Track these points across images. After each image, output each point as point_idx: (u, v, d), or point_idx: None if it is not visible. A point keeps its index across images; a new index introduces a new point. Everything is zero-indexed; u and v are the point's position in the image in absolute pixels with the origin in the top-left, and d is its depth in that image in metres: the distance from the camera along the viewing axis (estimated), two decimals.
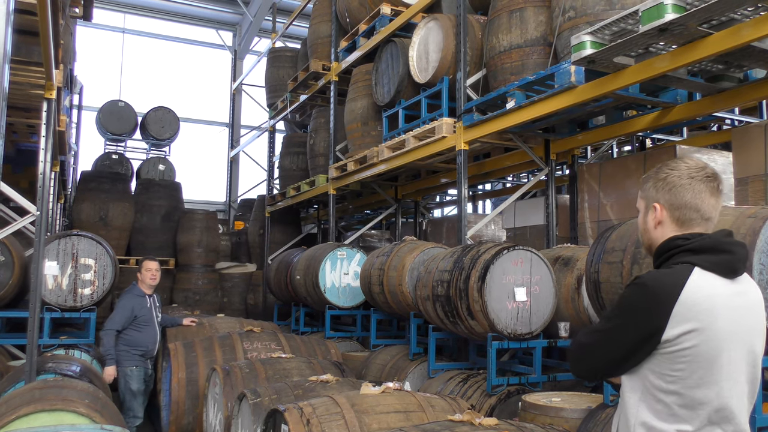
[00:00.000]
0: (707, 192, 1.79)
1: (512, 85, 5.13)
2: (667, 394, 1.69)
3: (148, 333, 5.83)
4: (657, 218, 1.83)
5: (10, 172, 8.46)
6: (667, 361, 1.68)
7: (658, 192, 1.83)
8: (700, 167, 1.82)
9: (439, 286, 4.91)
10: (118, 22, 16.01)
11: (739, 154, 4.64)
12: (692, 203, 1.78)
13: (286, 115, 11.43)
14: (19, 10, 3.75)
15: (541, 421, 3.61)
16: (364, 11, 8.21)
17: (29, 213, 4.54)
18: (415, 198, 9.98)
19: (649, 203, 1.86)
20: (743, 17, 3.43)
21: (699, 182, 1.79)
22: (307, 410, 3.45)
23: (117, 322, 5.63)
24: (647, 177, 1.90)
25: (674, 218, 1.80)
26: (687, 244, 1.75)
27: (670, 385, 1.69)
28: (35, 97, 5.15)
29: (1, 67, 2.17)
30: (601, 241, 3.84)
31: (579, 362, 1.88)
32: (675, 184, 1.80)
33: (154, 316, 5.95)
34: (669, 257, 1.78)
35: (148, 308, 5.89)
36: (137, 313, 5.76)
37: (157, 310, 6.05)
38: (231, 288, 11.82)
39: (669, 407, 1.70)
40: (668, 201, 1.81)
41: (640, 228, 1.95)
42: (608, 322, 1.77)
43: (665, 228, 1.83)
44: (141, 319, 5.79)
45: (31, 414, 3.21)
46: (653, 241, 1.87)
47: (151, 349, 5.89)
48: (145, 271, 5.93)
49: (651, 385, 1.71)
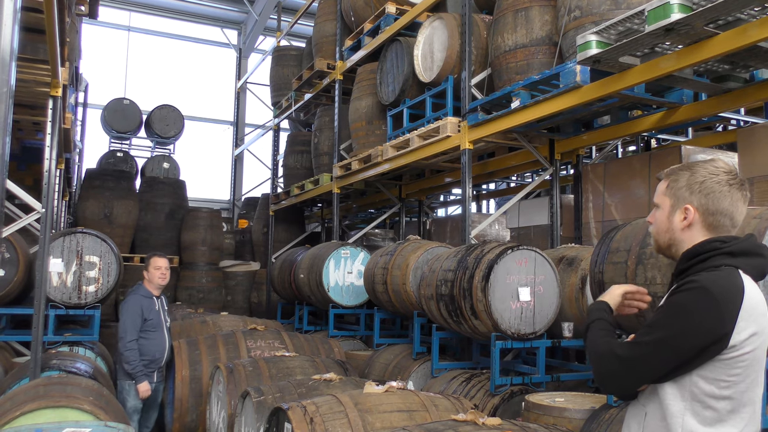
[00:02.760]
0: (742, 200, 1.78)
1: (517, 85, 5.12)
2: (718, 400, 1.66)
3: (157, 340, 5.22)
4: (689, 221, 1.79)
5: (16, 170, 8.49)
6: (725, 367, 1.65)
7: (692, 194, 1.78)
8: (734, 173, 1.79)
9: (442, 286, 4.90)
10: (123, 20, 16.05)
11: (744, 155, 4.62)
12: (728, 211, 1.76)
13: (290, 113, 11.44)
14: (26, 8, 3.77)
15: (545, 421, 3.60)
16: (369, 10, 8.21)
17: (34, 210, 4.55)
18: (419, 197, 9.97)
19: (679, 203, 1.80)
20: (750, 17, 3.42)
21: (736, 190, 1.77)
22: (310, 409, 3.45)
23: (130, 329, 5.06)
24: (676, 175, 1.84)
25: (707, 223, 1.77)
26: (725, 247, 1.73)
27: (724, 390, 1.66)
28: (41, 95, 5.16)
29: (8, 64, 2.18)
30: (606, 241, 3.83)
31: (615, 378, 1.74)
32: (714, 190, 1.76)
33: (163, 320, 5.34)
34: (705, 259, 1.73)
35: (157, 311, 5.28)
36: (146, 316, 5.18)
37: (165, 313, 5.44)
38: (235, 286, 11.84)
39: (718, 413, 1.67)
40: (704, 205, 1.77)
41: (658, 225, 1.88)
42: (661, 330, 1.67)
43: (694, 231, 1.79)
44: (149, 323, 5.19)
45: (35, 411, 3.21)
46: (677, 242, 1.83)
47: (159, 359, 5.25)
48: (153, 269, 5.31)
49: (701, 392, 1.67)
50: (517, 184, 10.53)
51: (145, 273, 5.37)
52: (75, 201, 11.46)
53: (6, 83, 2.21)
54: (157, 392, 5.31)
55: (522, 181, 10.43)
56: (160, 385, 5.35)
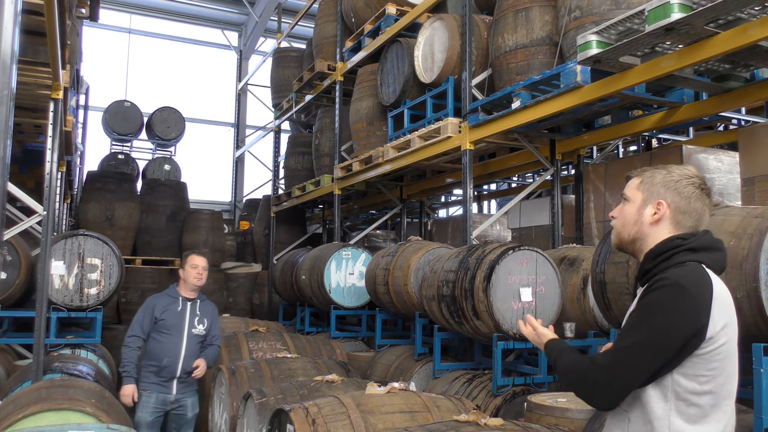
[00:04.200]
0: (708, 206, 1.87)
1: (518, 85, 5.12)
2: (700, 395, 1.70)
3: (168, 344, 4.65)
4: (660, 215, 1.85)
5: (17, 172, 8.49)
6: (703, 362, 1.69)
7: (667, 191, 1.85)
8: (705, 181, 1.89)
9: (444, 287, 4.90)
10: (124, 23, 16.08)
11: (745, 154, 4.62)
12: (698, 212, 1.85)
13: (291, 115, 11.44)
14: (27, 11, 3.77)
15: (547, 422, 3.60)
16: (370, 11, 8.21)
17: (36, 213, 4.55)
18: (421, 198, 9.97)
19: (652, 198, 1.86)
20: (750, 16, 3.41)
21: (706, 196, 1.86)
22: (312, 410, 3.45)
23: (134, 325, 4.69)
24: (651, 172, 1.90)
25: (675, 220, 1.84)
26: (686, 243, 1.79)
27: (705, 385, 1.70)
28: (42, 98, 5.16)
29: (9, 67, 2.18)
30: (607, 241, 3.83)
31: (602, 389, 1.74)
32: (688, 191, 1.84)
33: (185, 325, 4.73)
34: (669, 257, 1.79)
35: (178, 313, 4.73)
36: (159, 314, 4.68)
37: (196, 320, 4.79)
38: (236, 288, 11.84)
39: (702, 409, 1.70)
40: (676, 203, 1.84)
41: (626, 218, 1.92)
42: (641, 331, 1.70)
43: (661, 227, 1.85)
44: (163, 324, 4.67)
45: (37, 413, 3.22)
46: (643, 235, 1.88)
47: (169, 367, 4.62)
48: (189, 268, 4.81)
49: (684, 390, 1.70)
50: (519, 185, 10.53)
51: (181, 272, 4.87)
52: (76, 203, 11.47)
53: (7, 86, 2.21)
54: (184, 408, 4.73)
55: (523, 182, 10.43)
56: (186, 399, 4.74)
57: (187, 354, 4.68)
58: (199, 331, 4.79)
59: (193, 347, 4.74)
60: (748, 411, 2.90)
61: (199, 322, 4.80)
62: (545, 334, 2.11)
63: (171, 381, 4.64)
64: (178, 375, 4.64)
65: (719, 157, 5.28)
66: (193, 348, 4.74)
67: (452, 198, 13.27)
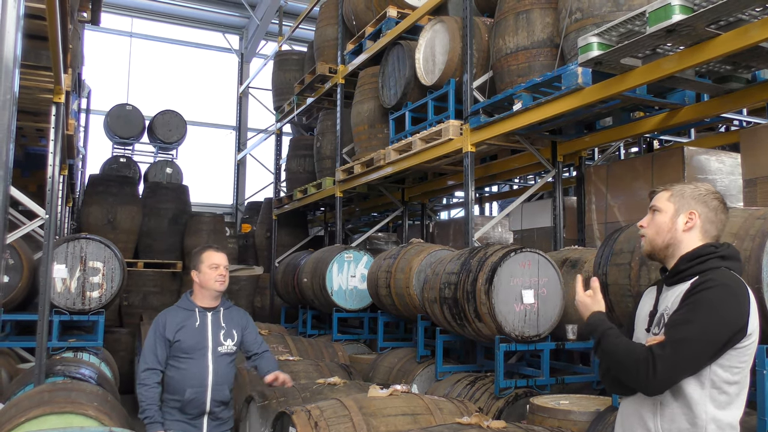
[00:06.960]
0: (728, 218, 2.18)
1: (519, 87, 5.12)
2: (731, 384, 1.94)
3: (191, 371, 3.53)
4: (692, 224, 2.11)
5: (19, 176, 8.52)
6: (739, 354, 1.93)
7: (697, 203, 2.12)
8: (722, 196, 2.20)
9: (446, 289, 4.90)
10: (125, 27, 16.10)
11: (747, 156, 4.62)
12: (722, 222, 2.14)
13: (292, 118, 11.45)
14: (29, 15, 3.78)
15: (549, 424, 3.59)
16: (371, 14, 8.22)
17: (38, 216, 4.56)
18: (422, 200, 9.97)
19: (684, 209, 2.12)
20: (751, 18, 3.41)
21: (726, 209, 2.16)
22: (315, 413, 3.45)
23: (146, 355, 3.54)
24: (681, 187, 2.17)
25: (704, 229, 2.11)
26: (717, 251, 2.05)
27: (736, 375, 1.94)
28: (44, 101, 5.17)
29: (11, 71, 2.19)
30: (609, 242, 3.83)
31: (659, 378, 1.89)
32: (714, 205, 2.13)
33: (208, 343, 3.59)
34: (703, 261, 2.03)
35: (197, 329, 3.58)
36: (173, 335, 3.53)
37: (222, 334, 3.64)
38: (238, 291, 11.84)
39: (730, 396, 1.94)
40: (705, 214, 2.12)
41: (659, 226, 2.15)
42: (694, 326, 1.89)
43: (693, 234, 2.11)
44: (179, 346, 3.54)
45: (40, 417, 3.22)
46: (677, 241, 2.12)
47: (192, 399, 3.50)
48: (207, 269, 3.63)
49: (719, 380, 1.92)
50: (520, 187, 10.52)
51: (195, 275, 3.68)
52: (78, 207, 11.48)
53: (9, 90, 2.22)
54: None
55: (525, 184, 10.42)
56: None
57: (216, 381, 3.57)
58: (228, 349, 3.66)
59: (224, 370, 3.62)
60: (751, 413, 2.90)
61: (226, 336, 3.66)
62: (599, 304, 2.23)
63: (200, 418, 3.55)
64: (208, 410, 3.55)
65: (721, 159, 5.28)
66: (224, 371, 3.62)
67: (454, 200, 13.26)
